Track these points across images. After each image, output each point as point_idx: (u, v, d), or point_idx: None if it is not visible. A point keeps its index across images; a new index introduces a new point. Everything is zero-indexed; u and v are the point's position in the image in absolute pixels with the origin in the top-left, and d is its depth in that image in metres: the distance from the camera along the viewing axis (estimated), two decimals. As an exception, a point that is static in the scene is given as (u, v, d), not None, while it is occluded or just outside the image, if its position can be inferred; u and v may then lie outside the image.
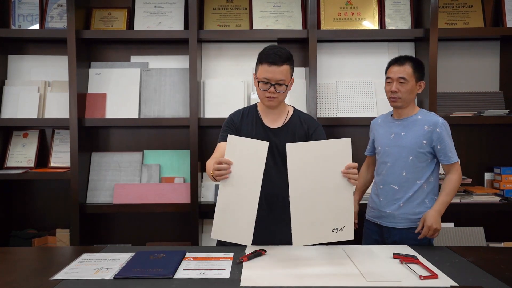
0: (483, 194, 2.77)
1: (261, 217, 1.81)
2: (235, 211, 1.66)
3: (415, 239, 2.00)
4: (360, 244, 2.25)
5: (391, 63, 2.14)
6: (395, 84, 2.07)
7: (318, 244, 1.86)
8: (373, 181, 2.26)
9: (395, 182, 2.08)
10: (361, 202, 2.36)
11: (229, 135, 1.67)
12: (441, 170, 2.15)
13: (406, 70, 2.06)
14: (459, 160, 2.06)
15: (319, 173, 1.65)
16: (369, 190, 2.36)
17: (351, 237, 1.68)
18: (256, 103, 2.06)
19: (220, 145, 1.95)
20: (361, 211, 2.32)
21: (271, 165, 1.92)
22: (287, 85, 1.89)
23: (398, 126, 2.12)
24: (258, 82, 1.87)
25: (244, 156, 1.65)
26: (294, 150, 1.65)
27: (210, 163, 1.86)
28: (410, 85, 2.06)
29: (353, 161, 1.70)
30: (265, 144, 1.65)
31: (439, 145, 2.02)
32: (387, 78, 2.12)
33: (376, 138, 2.22)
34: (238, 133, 1.96)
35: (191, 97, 2.74)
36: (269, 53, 1.85)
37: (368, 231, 2.22)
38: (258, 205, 1.79)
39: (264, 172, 1.80)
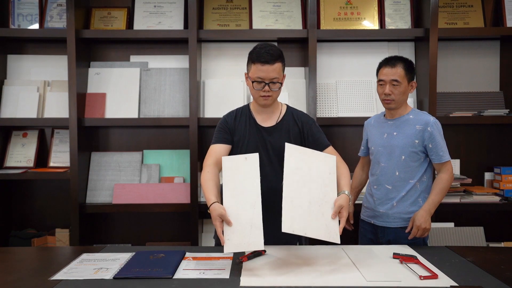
0: (483, 194, 2.76)
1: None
2: (242, 223, 1.65)
3: (407, 238, 2.00)
4: (357, 243, 2.26)
5: (382, 65, 2.12)
6: (388, 87, 2.06)
7: (318, 244, 1.85)
8: (368, 181, 2.27)
9: (389, 182, 2.09)
10: (357, 202, 2.35)
11: (223, 157, 1.74)
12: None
13: (398, 72, 2.05)
14: (450, 159, 2.06)
15: (312, 178, 1.72)
16: (364, 189, 2.36)
17: (337, 240, 1.65)
18: (248, 103, 2.06)
19: (214, 148, 1.95)
20: (356, 211, 2.32)
21: (266, 163, 1.92)
22: (281, 83, 1.89)
23: (391, 126, 2.12)
24: (252, 82, 1.88)
25: (239, 173, 1.70)
26: (292, 151, 1.73)
27: (205, 178, 1.84)
28: (403, 86, 2.06)
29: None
30: (255, 156, 1.71)
31: (431, 144, 2.03)
32: (379, 80, 2.11)
33: (369, 138, 2.23)
34: (232, 134, 1.97)
35: (191, 97, 2.74)
36: (260, 52, 1.85)
37: (363, 230, 2.23)
38: None
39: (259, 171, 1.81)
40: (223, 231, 1.62)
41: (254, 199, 1.66)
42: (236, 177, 1.70)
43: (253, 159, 1.71)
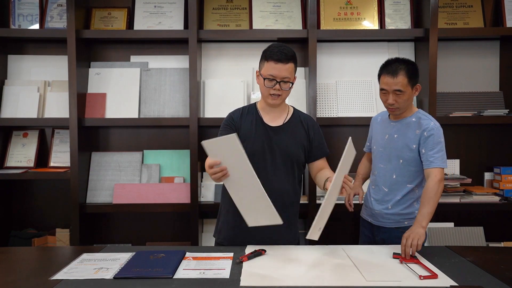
0: (482, 194, 2.76)
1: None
2: (251, 201, 1.68)
3: (401, 238, 1.86)
4: (357, 243, 2.26)
5: (383, 71, 2.01)
6: (391, 96, 1.98)
7: (318, 244, 1.86)
8: (369, 179, 2.26)
9: (386, 184, 2.07)
10: (356, 202, 2.31)
11: (202, 142, 1.62)
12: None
13: (400, 81, 1.95)
14: (442, 168, 1.92)
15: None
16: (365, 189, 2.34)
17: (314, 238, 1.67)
18: (255, 102, 2.06)
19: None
20: (356, 211, 2.30)
21: (269, 163, 1.93)
22: (292, 83, 1.90)
23: (393, 128, 2.09)
24: (264, 79, 1.89)
25: (225, 154, 1.64)
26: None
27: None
28: (407, 94, 1.98)
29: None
30: (233, 136, 1.59)
31: (424, 149, 1.96)
32: (381, 89, 2.02)
33: (373, 137, 2.22)
34: (238, 131, 1.96)
35: (191, 97, 2.74)
36: (274, 51, 1.86)
37: (362, 228, 2.23)
38: None
39: (262, 170, 1.83)
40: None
41: (252, 179, 1.63)
42: (224, 161, 1.64)
43: (232, 139, 1.60)
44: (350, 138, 1.73)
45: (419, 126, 2.00)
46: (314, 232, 1.65)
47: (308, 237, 1.66)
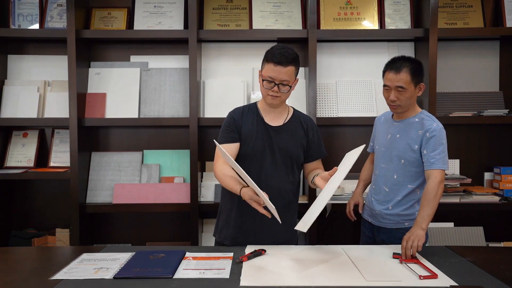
0: (482, 194, 2.76)
1: (261, 215, 1.81)
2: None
3: (401, 239, 1.88)
4: (357, 243, 2.26)
5: (387, 68, 2.03)
6: (393, 93, 1.98)
7: (318, 244, 1.87)
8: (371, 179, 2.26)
9: (387, 184, 2.07)
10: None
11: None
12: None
13: (403, 78, 1.96)
14: (443, 169, 1.92)
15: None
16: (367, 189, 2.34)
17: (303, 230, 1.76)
18: (256, 102, 2.06)
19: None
20: (358, 210, 2.31)
21: (270, 162, 1.93)
22: (290, 86, 1.90)
23: (396, 128, 2.08)
24: (263, 80, 1.89)
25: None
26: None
27: (222, 176, 1.88)
28: (409, 92, 1.97)
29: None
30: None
31: (425, 150, 1.95)
32: (384, 85, 2.03)
33: (376, 137, 2.21)
34: (239, 131, 1.96)
35: (191, 97, 2.74)
36: (275, 53, 1.86)
37: (363, 228, 2.23)
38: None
39: (262, 170, 1.89)
40: (264, 208, 1.74)
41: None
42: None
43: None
44: (363, 146, 1.84)
45: (421, 126, 2.00)
46: (304, 225, 1.73)
47: (296, 227, 1.74)
